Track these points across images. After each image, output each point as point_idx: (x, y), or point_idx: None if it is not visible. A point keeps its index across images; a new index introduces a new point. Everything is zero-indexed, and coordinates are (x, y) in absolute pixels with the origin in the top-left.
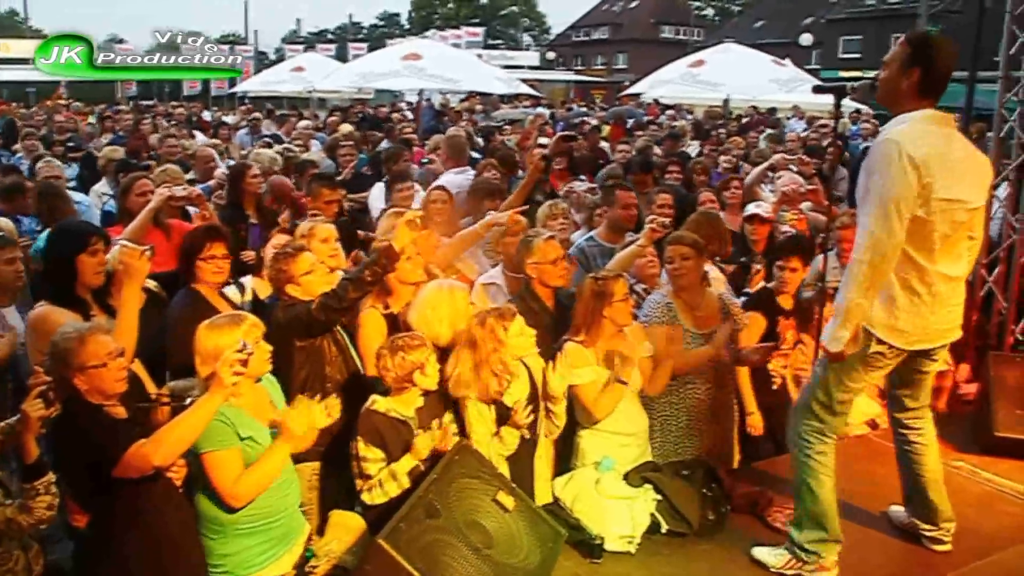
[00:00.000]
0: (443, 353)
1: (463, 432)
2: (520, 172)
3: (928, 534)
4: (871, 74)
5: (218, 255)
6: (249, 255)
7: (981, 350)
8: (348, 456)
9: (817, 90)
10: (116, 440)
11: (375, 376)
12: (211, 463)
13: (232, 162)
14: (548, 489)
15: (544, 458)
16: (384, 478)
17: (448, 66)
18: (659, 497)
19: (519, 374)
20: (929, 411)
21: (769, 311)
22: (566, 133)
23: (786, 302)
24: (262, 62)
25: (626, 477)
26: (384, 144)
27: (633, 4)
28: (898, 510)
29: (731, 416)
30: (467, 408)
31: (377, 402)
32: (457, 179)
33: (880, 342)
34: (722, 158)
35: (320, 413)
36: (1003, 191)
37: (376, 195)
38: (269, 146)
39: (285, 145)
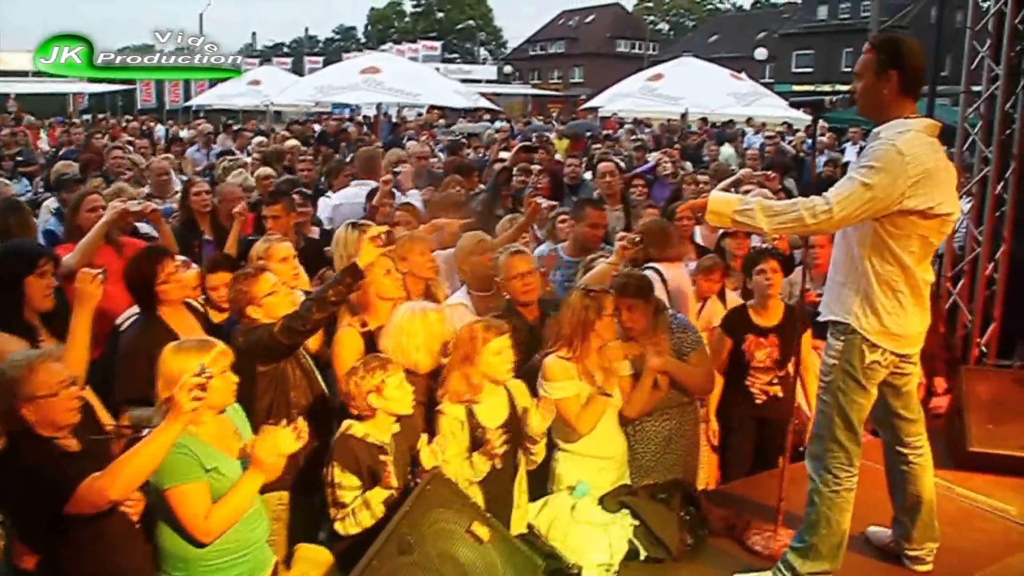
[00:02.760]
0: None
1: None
2: (481, 186)
3: (911, 554)
4: (824, 87)
5: (173, 271)
6: None
7: (949, 363)
8: (315, 485)
9: (795, 105)
10: (68, 475)
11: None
12: (177, 498)
13: (185, 178)
14: (524, 517)
15: (522, 485)
16: (357, 507)
17: (407, 80)
18: (636, 522)
19: (495, 395)
20: (924, 426)
21: (737, 329)
22: (526, 144)
23: (764, 318)
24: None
25: (601, 501)
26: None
27: (589, 19)
28: (878, 530)
29: (698, 441)
30: (441, 425)
31: (353, 427)
32: (350, 192)
33: (874, 348)
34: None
35: (288, 438)
36: (966, 205)
37: (323, 208)
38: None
39: (231, 158)
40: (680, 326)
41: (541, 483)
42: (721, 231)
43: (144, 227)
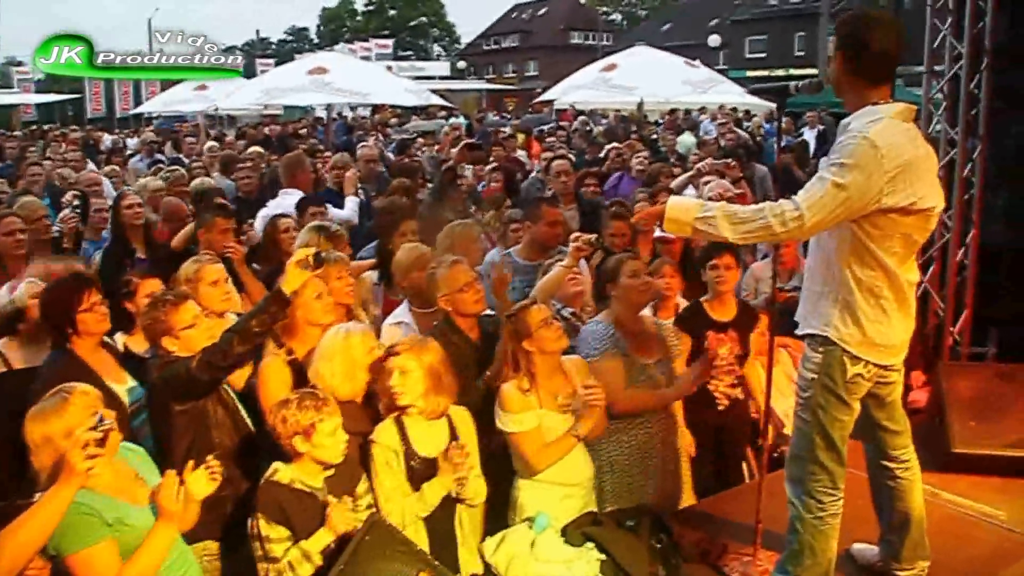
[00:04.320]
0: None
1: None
2: (428, 186)
3: (901, 574)
4: (778, 72)
5: (97, 301)
6: None
7: (924, 355)
8: (248, 533)
9: (755, 92)
10: None
11: None
12: (81, 564)
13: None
14: (475, 556)
15: (465, 524)
16: (295, 559)
17: (356, 79)
18: (603, 556)
19: (434, 422)
20: (911, 438)
21: (696, 326)
22: (470, 142)
23: (720, 312)
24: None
25: (564, 533)
26: None
27: (542, 11)
28: (863, 548)
29: (676, 447)
30: (374, 457)
31: (279, 472)
32: (285, 202)
33: (856, 361)
34: (633, 161)
35: (199, 481)
36: None
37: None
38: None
39: (169, 167)
40: (662, 326)
41: (502, 514)
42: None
43: None
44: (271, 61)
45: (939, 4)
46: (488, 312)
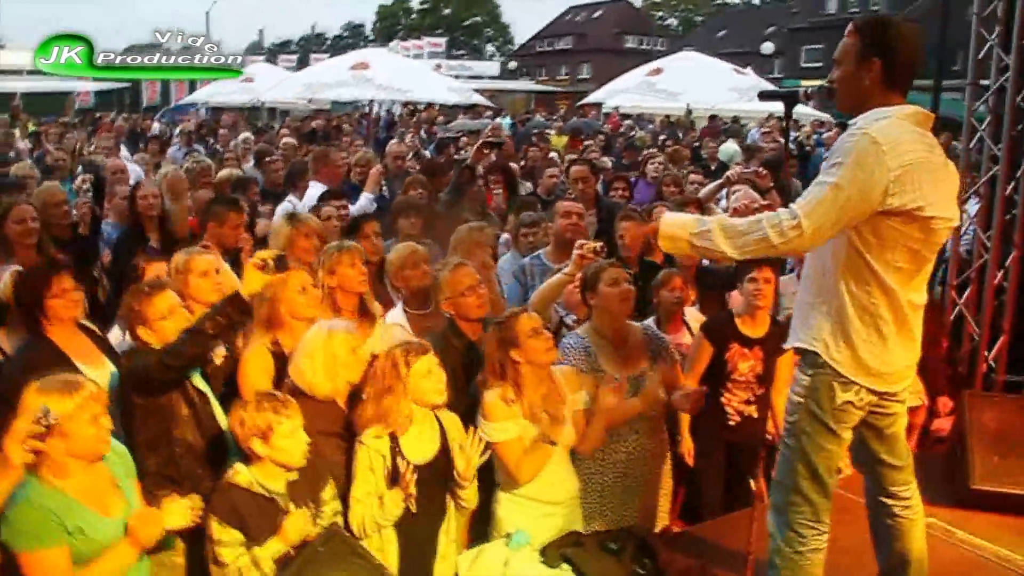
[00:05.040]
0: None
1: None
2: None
3: None
4: None
5: (68, 287)
6: None
7: (953, 380)
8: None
9: (764, 97)
10: None
11: None
12: (30, 564)
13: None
14: (451, 569)
15: (451, 533)
16: (244, 566)
17: (397, 76)
18: None
19: (425, 427)
20: (913, 474)
21: (721, 336)
22: (488, 140)
23: (751, 328)
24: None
25: (544, 552)
26: None
27: (597, 14)
28: None
29: (662, 467)
30: (357, 459)
31: (239, 473)
32: (311, 195)
33: (847, 386)
34: (648, 166)
35: (178, 512)
36: (973, 206)
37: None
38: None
39: (196, 158)
40: (656, 337)
41: (482, 527)
42: None
43: None
44: (325, 56)
45: (986, 13)
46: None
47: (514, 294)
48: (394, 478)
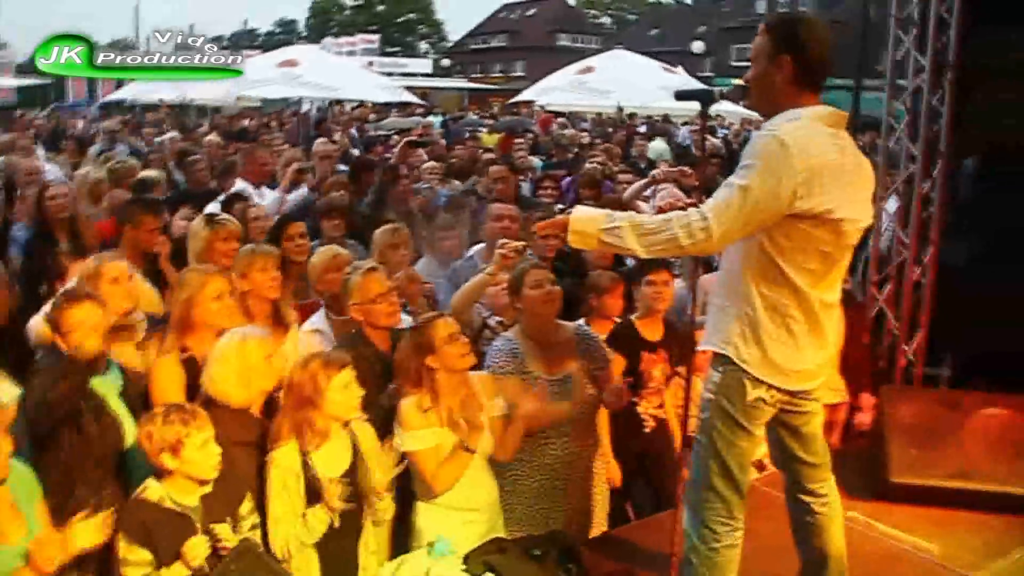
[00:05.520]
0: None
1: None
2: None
3: None
4: None
5: None
6: None
7: (875, 376)
8: None
9: (680, 96)
10: None
11: None
12: None
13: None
14: None
15: (371, 545)
16: None
17: (326, 73)
18: None
19: (336, 440)
20: (830, 471)
21: (630, 346)
22: (411, 139)
23: (651, 331)
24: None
25: (467, 560)
26: None
27: (531, 12)
28: None
29: (592, 471)
30: (270, 478)
31: (149, 488)
32: None
33: (758, 384)
34: (587, 165)
35: (86, 532)
36: (892, 204)
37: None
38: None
39: (120, 158)
40: (587, 337)
41: (403, 539)
42: None
43: None
44: (257, 53)
45: (903, 16)
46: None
47: (447, 297)
48: (311, 494)
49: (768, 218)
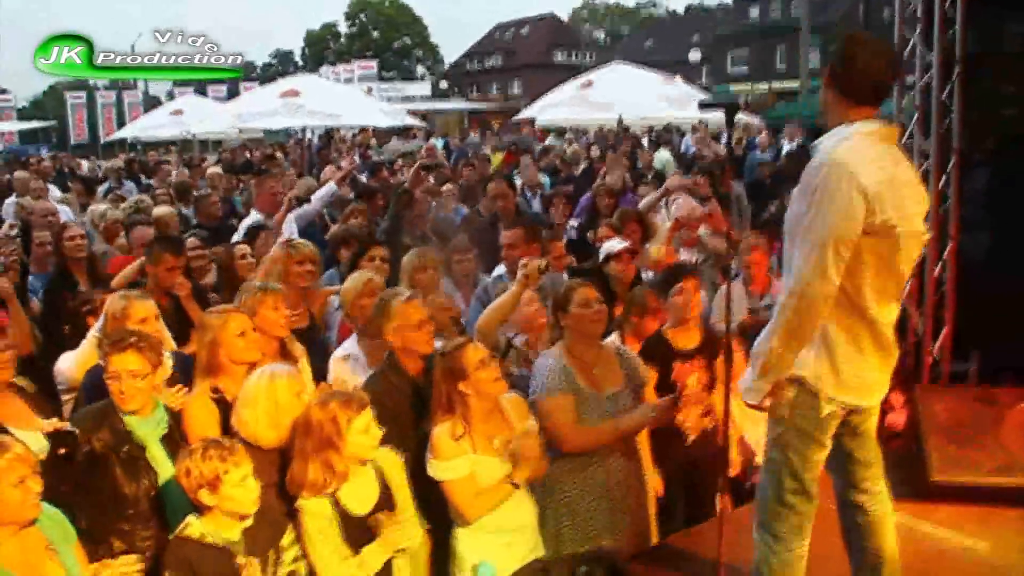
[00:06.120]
0: None
1: None
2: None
3: None
4: (762, 87)
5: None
6: None
7: (903, 375)
8: None
9: (704, 106)
10: None
11: None
12: None
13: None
14: None
15: (405, 573)
16: None
17: (328, 101)
18: None
19: (359, 476)
20: (882, 469)
21: (662, 357)
22: (424, 163)
23: (684, 340)
24: (154, 106)
25: None
26: None
27: (524, 30)
28: None
29: (644, 487)
30: (305, 528)
31: (191, 525)
32: None
33: (831, 400)
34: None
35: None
36: None
37: None
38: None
39: (135, 197)
40: (626, 355)
41: (442, 564)
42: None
43: None
44: (255, 85)
45: (907, 13)
46: None
47: (476, 316)
48: (349, 533)
49: (855, 240)
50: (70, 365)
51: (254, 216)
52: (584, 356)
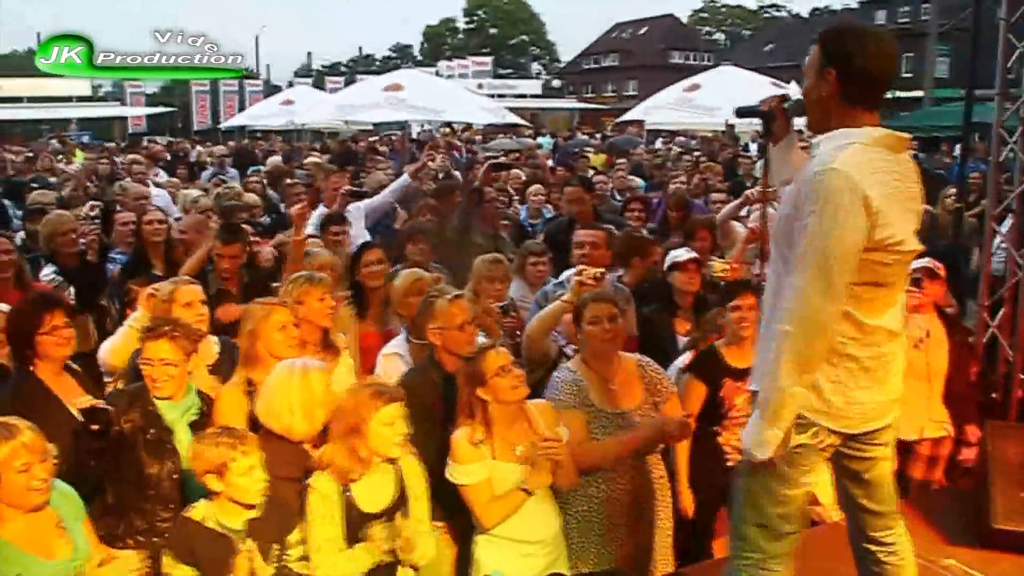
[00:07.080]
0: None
1: None
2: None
3: None
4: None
5: (60, 325)
6: None
7: (985, 407)
8: None
9: (742, 114)
10: None
11: None
12: None
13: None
14: None
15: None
16: None
17: (430, 96)
18: None
19: (380, 474)
20: (900, 518)
21: (712, 373)
22: (496, 162)
23: (738, 358)
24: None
25: None
26: None
27: (643, 31)
28: None
29: (655, 508)
30: (310, 503)
31: (195, 508)
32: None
33: (803, 428)
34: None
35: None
36: (1006, 223)
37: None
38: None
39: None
40: (649, 369)
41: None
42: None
43: None
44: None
45: (1014, 20)
46: None
47: None
48: (349, 529)
49: (859, 253)
50: (107, 351)
51: (321, 210)
52: (602, 371)
